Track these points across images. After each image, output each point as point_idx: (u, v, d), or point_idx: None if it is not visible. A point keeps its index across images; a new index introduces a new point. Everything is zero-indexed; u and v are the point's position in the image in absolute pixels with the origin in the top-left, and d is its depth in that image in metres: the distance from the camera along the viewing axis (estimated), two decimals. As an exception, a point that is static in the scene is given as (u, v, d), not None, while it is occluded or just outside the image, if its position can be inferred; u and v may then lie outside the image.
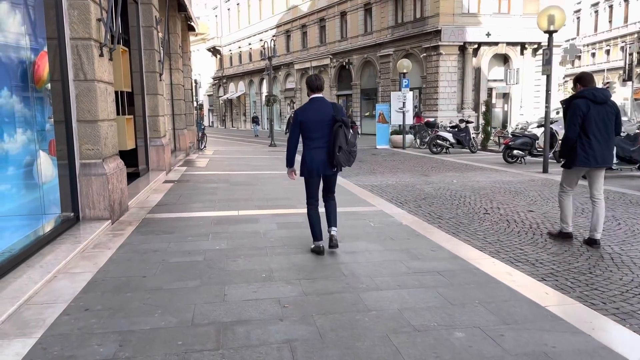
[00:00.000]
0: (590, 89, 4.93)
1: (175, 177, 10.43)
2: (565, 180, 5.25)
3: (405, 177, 10.85)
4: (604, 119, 4.83)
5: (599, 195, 5.04)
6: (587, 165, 4.91)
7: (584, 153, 4.86)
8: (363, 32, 31.02)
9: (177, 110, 15.59)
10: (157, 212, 6.62)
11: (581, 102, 4.84)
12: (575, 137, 4.87)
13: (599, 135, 4.83)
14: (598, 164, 4.89)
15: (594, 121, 4.81)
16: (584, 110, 4.80)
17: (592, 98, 4.84)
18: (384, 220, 6.12)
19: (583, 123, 4.82)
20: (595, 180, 5.06)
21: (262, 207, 7.06)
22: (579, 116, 4.82)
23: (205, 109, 53.38)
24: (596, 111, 4.82)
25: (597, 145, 4.82)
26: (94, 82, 5.68)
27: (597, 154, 4.84)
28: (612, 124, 4.89)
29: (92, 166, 5.77)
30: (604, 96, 4.87)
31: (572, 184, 5.22)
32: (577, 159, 4.89)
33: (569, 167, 5.08)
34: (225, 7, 51.60)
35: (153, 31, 10.34)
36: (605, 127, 4.85)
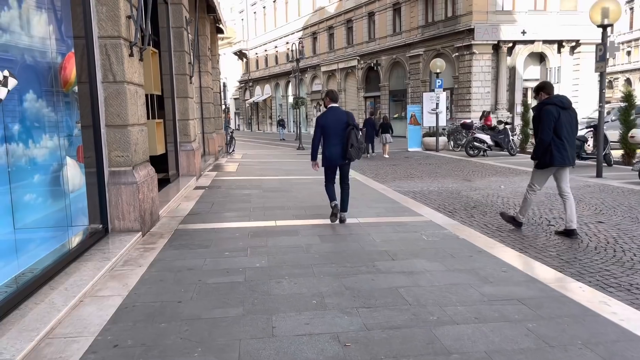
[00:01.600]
0: (557, 96, 5.44)
1: (206, 183, 10.04)
2: (536, 180, 5.74)
3: (447, 183, 10.20)
4: (571, 122, 5.36)
5: (567, 190, 5.57)
6: (563, 165, 5.38)
7: (559, 154, 5.31)
8: (392, 32, 30.34)
9: (206, 113, 15.28)
10: (189, 223, 6.19)
11: (552, 108, 5.30)
12: (550, 140, 5.30)
13: (569, 137, 5.33)
14: (571, 164, 5.43)
15: (563, 125, 5.29)
16: (556, 115, 5.27)
17: (560, 104, 5.33)
18: (437, 233, 5.53)
19: (555, 127, 5.28)
20: (563, 178, 5.58)
21: (299, 216, 6.56)
22: (552, 121, 5.27)
23: (232, 112, 53.45)
24: (564, 116, 5.31)
25: (568, 146, 5.34)
26: (123, 84, 5.28)
27: (569, 154, 5.36)
28: (576, 127, 5.46)
29: (121, 174, 5.37)
30: (568, 102, 5.42)
31: (541, 184, 5.76)
32: (554, 159, 5.33)
33: (543, 167, 5.53)
34: (252, 10, 51.59)
35: (183, 32, 9.99)
36: (572, 130, 5.39)
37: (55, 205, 4.74)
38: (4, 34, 3.81)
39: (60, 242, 4.59)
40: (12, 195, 3.98)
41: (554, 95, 5.45)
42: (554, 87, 5.70)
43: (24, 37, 4.17)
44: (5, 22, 3.82)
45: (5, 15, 3.84)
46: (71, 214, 4.96)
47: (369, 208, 7.10)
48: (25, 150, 4.20)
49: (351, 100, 35.64)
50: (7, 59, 3.91)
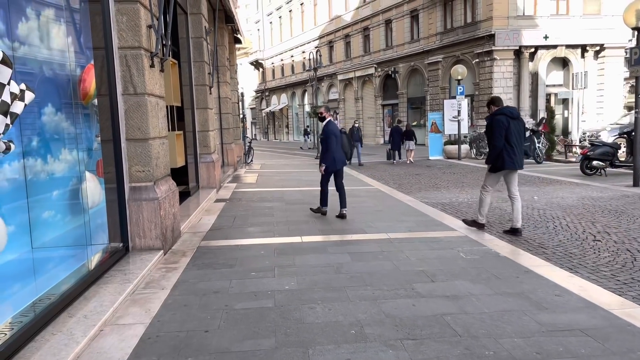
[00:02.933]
0: (506, 107, 6.00)
1: (226, 195, 9.81)
2: (488, 182, 6.24)
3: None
4: (518, 130, 5.89)
5: (516, 193, 6.13)
6: (512, 168, 5.90)
7: (509, 159, 5.82)
8: (409, 39, 30.02)
9: (225, 124, 15.12)
10: (212, 239, 5.93)
11: (502, 118, 5.83)
12: (501, 146, 5.81)
13: (517, 143, 5.85)
14: (520, 167, 5.97)
15: (513, 133, 5.81)
16: (506, 124, 5.78)
17: (509, 114, 5.89)
18: (475, 250, 5.17)
19: (506, 134, 5.78)
20: (512, 180, 6.11)
21: (325, 231, 6.26)
22: (502, 129, 5.78)
23: (248, 121, 53.56)
24: (513, 125, 5.85)
25: (517, 151, 5.85)
26: (144, 96, 5.07)
27: (518, 159, 5.87)
28: (523, 135, 6.04)
29: (142, 190, 5.14)
30: (517, 113, 6.04)
31: (493, 185, 6.25)
32: (505, 163, 5.84)
33: (496, 171, 6.05)
34: (268, 20, 51.80)
35: (203, 42, 9.84)
36: (520, 137, 5.91)
37: (74, 222, 4.53)
38: (22, 46, 3.62)
39: (80, 262, 4.37)
40: (30, 212, 3.78)
41: (503, 107, 6.01)
42: (502, 101, 6.26)
43: (42, 50, 3.98)
44: (23, 34, 3.62)
45: (22, 27, 3.66)
46: (90, 231, 4.75)
47: (398, 222, 6.77)
48: (43, 166, 4.00)
49: (368, 108, 35.35)
50: (25, 72, 3.72)
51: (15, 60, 3.44)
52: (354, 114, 37.13)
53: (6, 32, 3.38)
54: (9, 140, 3.34)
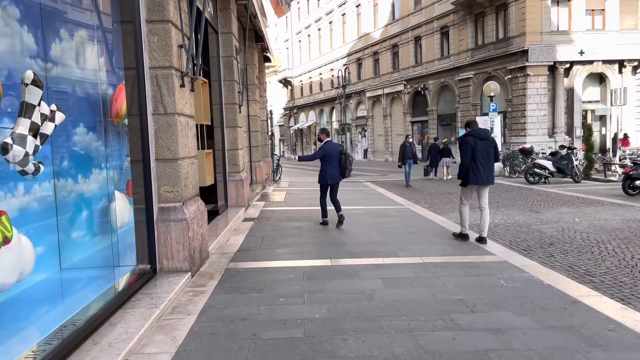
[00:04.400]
0: (476, 129, 6.57)
1: (254, 214, 9.72)
2: (463, 195, 6.88)
3: (513, 214, 9.42)
4: (486, 150, 6.43)
5: (485, 205, 6.68)
6: (476, 183, 6.51)
7: (474, 175, 6.45)
8: (439, 55, 29.77)
9: (254, 142, 15.16)
10: (240, 261, 5.80)
11: (470, 139, 6.47)
12: (468, 164, 6.44)
13: (484, 162, 6.42)
14: (483, 182, 6.51)
15: (479, 152, 6.39)
16: (473, 144, 6.39)
17: (477, 136, 6.47)
18: (517, 277, 4.87)
19: (473, 154, 6.37)
20: (482, 194, 6.69)
21: (357, 254, 6.05)
22: (470, 149, 6.39)
23: (276, 138, 53.96)
24: (481, 145, 6.43)
25: (482, 169, 6.42)
26: (174, 116, 5.03)
27: (482, 175, 6.44)
28: (491, 154, 6.53)
29: (171, 210, 5.07)
30: (485, 134, 6.56)
31: (468, 198, 6.84)
32: (469, 179, 6.48)
33: (465, 186, 6.69)
34: (297, 39, 52.43)
35: (233, 61, 9.88)
36: (487, 156, 6.45)
37: (103, 242, 4.48)
38: (55, 66, 3.60)
39: (107, 285, 4.30)
40: (59, 233, 3.73)
41: (474, 129, 6.57)
42: (476, 123, 6.82)
43: (74, 70, 3.97)
44: (56, 55, 3.61)
45: (56, 47, 3.65)
46: (119, 252, 4.69)
47: (431, 245, 6.51)
48: (74, 185, 3.97)
49: (397, 125, 35.08)
50: (58, 91, 3.71)
51: (48, 81, 3.43)
52: (382, 131, 36.93)
53: (40, 52, 3.36)
54: (38, 162, 3.30)
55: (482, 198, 6.69)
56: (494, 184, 6.75)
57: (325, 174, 8.24)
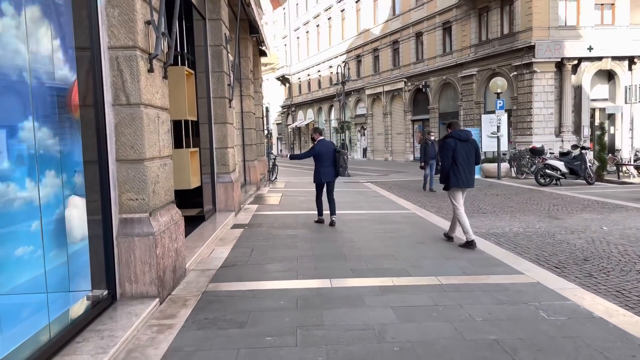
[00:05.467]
0: (457, 130, 6.32)
1: (245, 219, 8.81)
2: (453, 199, 6.48)
3: (531, 220, 8.52)
4: (467, 152, 6.21)
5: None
6: (458, 186, 6.28)
7: (455, 177, 6.23)
8: (442, 52, 28.85)
9: (248, 140, 14.25)
10: (222, 280, 4.88)
11: (451, 141, 6.24)
12: (449, 166, 6.24)
13: (464, 164, 6.20)
14: (465, 185, 6.29)
15: (460, 154, 6.18)
16: (453, 146, 6.19)
17: (458, 137, 6.24)
18: (558, 306, 3.97)
19: (453, 156, 6.18)
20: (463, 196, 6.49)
21: (361, 272, 5.14)
22: (450, 150, 6.19)
23: (274, 137, 53.05)
24: (461, 147, 6.21)
25: (462, 171, 6.19)
26: (139, 107, 4.11)
27: (463, 177, 6.22)
28: (472, 156, 6.27)
29: (135, 223, 4.15)
30: (466, 136, 6.30)
31: (459, 201, 6.44)
32: (450, 182, 6.29)
33: (448, 189, 6.45)
34: (295, 35, 51.46)
35: (222, 51, 8.95)
36: (468, 159, 6.23)
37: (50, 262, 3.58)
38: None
39: (45, 321, 3.39)
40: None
41: (455, 130, 6.35)
42: (459, 124, 6.71)
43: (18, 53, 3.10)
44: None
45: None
46: (69, 274, 3.79)
47: (447, 260, 5.60)
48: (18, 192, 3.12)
49: (398, 123, 34.17)
50: None
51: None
52: (382, 130, 36.03)
53: None
54: None
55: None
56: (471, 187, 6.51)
57: (319, 173, 8.22)
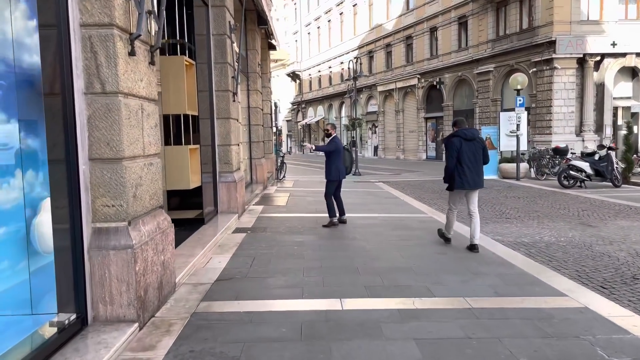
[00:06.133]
0: (462, 129, 6.10)
1: (249, 222, 8.17)
2: (451, 201, 6.32)
3: (563, 229, 7.75)
4: (473, 152, 6.01)
5: (474, 210, 6.13)
6: (462, 188, 6.07)
7: (459, 179, 6.00)
8: (457, 48, 27.97)
9: (255, 137, 13.61)
10: (216, 298, 4.24)
11: (456, 140, 6.04)
12: (453, 167, 6.04)
13: (470, 164, 5.98)
14: (470, 187, 6.05)
15: (465, 154, 5.98)
16: (458, 146, 5.99)
17: (463, 136, 6.01)
18: (617, 342, 3.27)
19: (458, 156, 5.99)
20: (471, 199, 6.17)
21: (376, 289, 4.46)
22: (455, 150, 6.01)
23: (284, 134, 52.39)
24: (467, 146, 6.00)
25: (468, 172, 5.96)
26: (116, 97, 3.46)
27: (469, 179, 5.98)
28: (480, 156, 6.07)
29: (110, 233, 3.51)
30: (472, 134, 6.10)
31: (456, 204, 6.31)
32: (455, 184, 6.06)
33: (451, 190, 6.19)
34: (306, 31, 50.73)
35: (226, 40, 8.30)
36: (475, 158, 6.01)
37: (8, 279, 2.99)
38: None
39: (6, 348, 2.79)
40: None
41: (460, 129, 6.08)
42: (465, 123, 6.37)
43: None
44: None
45: None
46: (31, 294, 3.18)
47: (475, 276, 4.90)
48: None
49: (410, 121, 33.35)
50: None
51: None
52: (394, 127, 35.24)
53: None
54: None
55: (470, 203, 6.17)
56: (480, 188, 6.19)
57: (338, 169, 7.90)
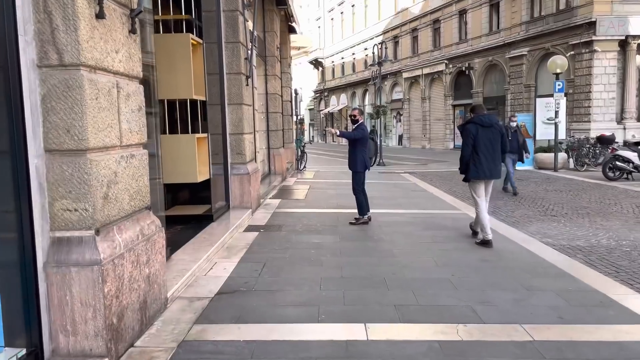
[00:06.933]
0: (479, 115, 5.82)
1: (263, 218, 7.41)
2: (473, 191, 5.94)
3: (619, 228, 6.74)
4: (491, 139, 5.69)
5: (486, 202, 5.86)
6: (478, 178, 5.74)
7: (475, 168, 5.69)
8: (487, 31, 26.53)
9: (273, 125, 12.83)
10: (213, 320, 3.48)
11: (472, 127, 5.73)
12: (469, 155, 5.73)
13: (487, 153, 5.66)
14: (487, 177, 5.74)
15: (482, 142, 5.66)
16: (474, 133, 5.68)
17: (480, 123, 5.71)
18: None
19: (474, 143, 5.67)
20: (488, 190, 5.92)
21: (409, 311, 3.64)
22: (470, 138, 5.71)
23: (306, 123, 51.51)
24: (484, 133, 5.67)
25: (484, 161, 5.65)
26: (78, 70, 2.70)
27: (485, 168, 5.67)
28: (498, 143, 5.74)
29: (72, 245, 2.77)
30: (490, 121, 5.76)
31: (480, 194, 5.86)
32: (470, 173, 5.76)
33: (467, 181, 5.91)
34: (329, 17, 49.55)
35: (238, 17, 7.51)
36: (492, 146, 5.69)
37: None
38: None
39: None
40: None
41: (477, 115, 5.78)
42: (483, 108, 6.12)
43: None
44: None
45: None
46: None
47: (528, 293, 4.02)
48: None
49: (437, 109, 32.07)
50: None
51: None
52: (420, 116, 34.02)
53: None
54: None
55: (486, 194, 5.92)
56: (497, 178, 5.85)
57: (364, 160, 7.08)
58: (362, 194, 7.06)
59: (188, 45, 6.36)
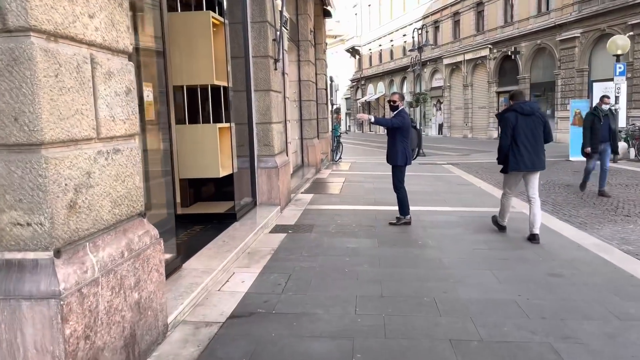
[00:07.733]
0: (519, 102, 5.45)
1: (292, 217, 6.69)
2: (506, 184, 5.68)
3: None
4: (532, 128, 5.31)
5: (534, 195, 5.41)
6: (517, 170, 5.38)
7: (514, 159, 5.33)
8: (536, 12, 24.80)
9: (306, 114, 12.08)
10: (219, 356, 2.76)
11: (510, 115, 5.38)
12: (507, 145, 5.37)
13: (527, 143, 5.29)
14: (527, 169, 5.34)
15: (522, 131, 5.30)
16: (513, 121, 5.33)
17: (520, 111, 5.33)
18: None
19: (513, 133, 5.32)
20: (529, 182, 5.45)
21: (469, 347, 2.82)
22: (509, 127, 5.36)
23: (343, 112, 50.53)
24: (524, 122, 5.30)
25: (525, 152, 5.28)
26: (28, 37, 2.01)
27: (525, 159, 5.30)
28: (540, 132, 5.35)
29: (25, 271, 2.10)
30: (531, 108, 5.37)
31: (512, 188, 5.66)
32: (509, 165, 5.38)
33: (505, 172, 5.53)
34: (366, 3, 48.20)
35: (265, -6, 6.74)
36: (533, 136, 5.31)
37: None
38: None
39: None
40: None
41: (516, 102, 5.46)
42: (523, 95, 5.86)
43: None
44: None
45: None
46: None
47: (623, 323, 3.11)
48: None
49: (480, 96, 30.50)
50: None
51: None
52: (461, 104, 32.52)
53: None
54: None
55: (529, 187, 5.44)
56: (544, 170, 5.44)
57: (405, 152, 6.19)
58: (403, 191, 6.23)
59: (208, 24, 5.71)
